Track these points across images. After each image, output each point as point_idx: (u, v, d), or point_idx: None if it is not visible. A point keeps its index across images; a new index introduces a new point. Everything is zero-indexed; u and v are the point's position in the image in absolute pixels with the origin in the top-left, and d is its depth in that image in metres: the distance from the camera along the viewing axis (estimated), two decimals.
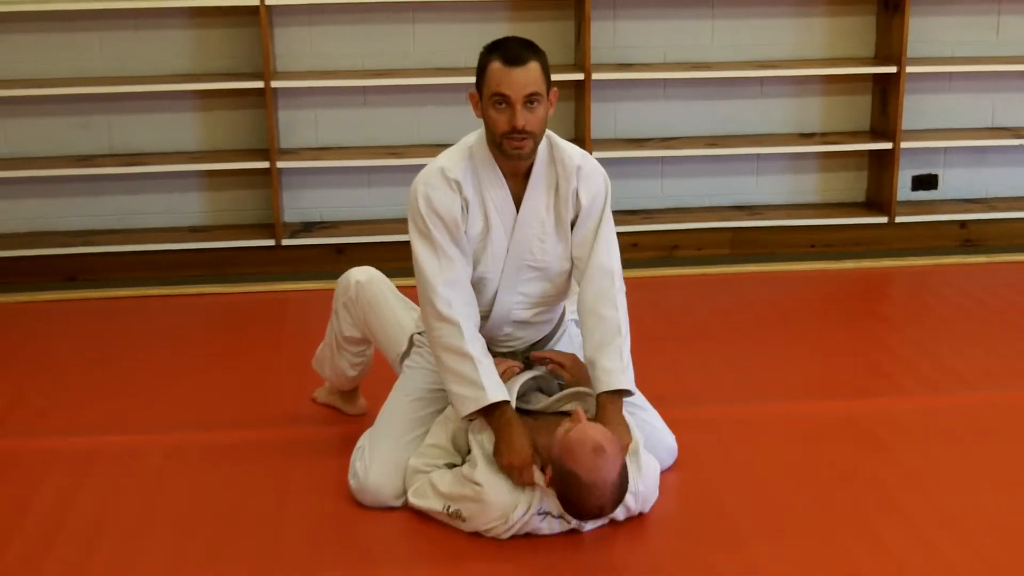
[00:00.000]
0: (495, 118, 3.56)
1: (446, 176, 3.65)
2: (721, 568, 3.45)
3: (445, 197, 3.64)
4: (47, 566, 3.50)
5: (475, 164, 3.68)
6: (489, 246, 3.71)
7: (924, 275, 6.11)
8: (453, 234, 3.66)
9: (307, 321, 5.24)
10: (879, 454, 4.13)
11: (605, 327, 3.69)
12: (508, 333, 3.90)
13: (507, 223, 3.70)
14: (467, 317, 3.64)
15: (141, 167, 6.05)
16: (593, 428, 3.40)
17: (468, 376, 3.59)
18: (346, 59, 6.24)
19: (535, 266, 3.77)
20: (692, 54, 6.41)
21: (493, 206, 3.69)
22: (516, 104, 3.52)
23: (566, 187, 3.70)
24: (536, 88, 3.54)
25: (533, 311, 3.87)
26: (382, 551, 3.59)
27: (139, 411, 4.54)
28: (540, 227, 3.73)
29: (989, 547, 3.53)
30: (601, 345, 3.68)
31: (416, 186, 3.69)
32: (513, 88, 3.51)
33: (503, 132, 3.56)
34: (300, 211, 6.35)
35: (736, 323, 5.40)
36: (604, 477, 3.33)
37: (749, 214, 6.45)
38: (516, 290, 3.79)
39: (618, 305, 3.73)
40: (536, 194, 3.71)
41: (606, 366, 3.66)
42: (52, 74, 6.09)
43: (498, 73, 3.53)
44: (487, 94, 3.56)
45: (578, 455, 3.33)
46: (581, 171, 3.71)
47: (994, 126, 6.65)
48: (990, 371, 4.82)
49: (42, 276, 6.04)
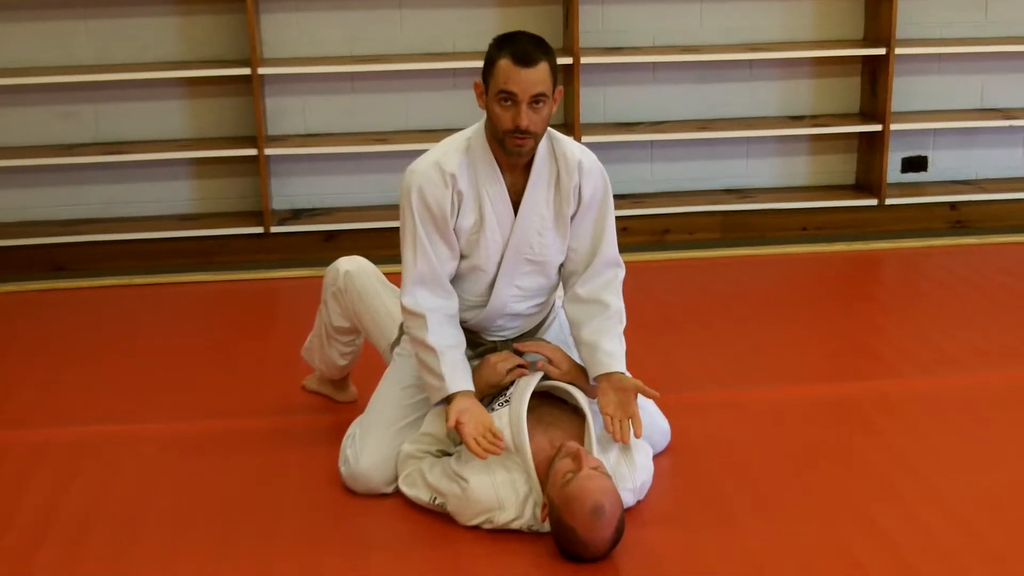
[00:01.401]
0: (500, 114, 3.55)
1: (441, 169, 3.64)
2: (715, 551, 3.44)
3: (437, 191, 3.63)
4: (41, 556, 3.49)
5: (472, 158, 3.67)
6: (482, 240, 3.71)
7: (915, 257, 6.11)
8: (440, 228, 3.66)
9: (297, 309, 5.23)
10: (872, 436, 4.13)
11: (609, 314, 3.77)
12: (500, 324, 3.90)
13: (502, 217, 3.70)
14: (434, 309, 3.68)
15: (128, 155, 6.02)
16: (593, 481, 3.33)
17: (432, 367, 3.66)
18: (334, 45, 6.22)
19: (533, 259, 3.78)
20: (681, 37, 6.39)
21: (488, 200, 3.68)
22: (522, 103, 3.52)
23: (568, 182, 3.71)
24: (543, 89, 3.54)
25: (528, 303, 3.88)
26: (375, 538, 3.58)
27: (129, 401, 4.52)
28: (540, 221, 3.74)
29: (983, 528, 3.53)
30: (605, 330, 3.75)
31: (409, 177, 3.68)
32: (520, 87, 3.51)
33: (506, 129, 3.55)
34: (288, 198, 6.33)
35: (727, 307, 5.40)
36: (601, 536, 3.32)
37: (739, 197, 6.44)
38: (513, 283, 3.80)
39: (620, 296, 3.83)
40: (537, 189, 3.71)
41: (608, 349, 3.73)
42: (37, 63, 6.06)
43: (507, 71, 3.51)
44: (494, 89, 3.55)
45: (576, 513, 3.30)
46: (582, 166, 3.73)
47: (983, 107, 6.64)
48: (982, 352, 4.82)
49: (29, 266, 6.01)
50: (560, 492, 3.35)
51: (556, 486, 3.38)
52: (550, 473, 3.44)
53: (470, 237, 3.71)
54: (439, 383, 3.64)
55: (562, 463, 3.42)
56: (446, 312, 3.71)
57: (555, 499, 3.37)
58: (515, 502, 3.50)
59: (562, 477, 3.37)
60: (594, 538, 3.31)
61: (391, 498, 3.74)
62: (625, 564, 3.37)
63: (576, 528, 3.31)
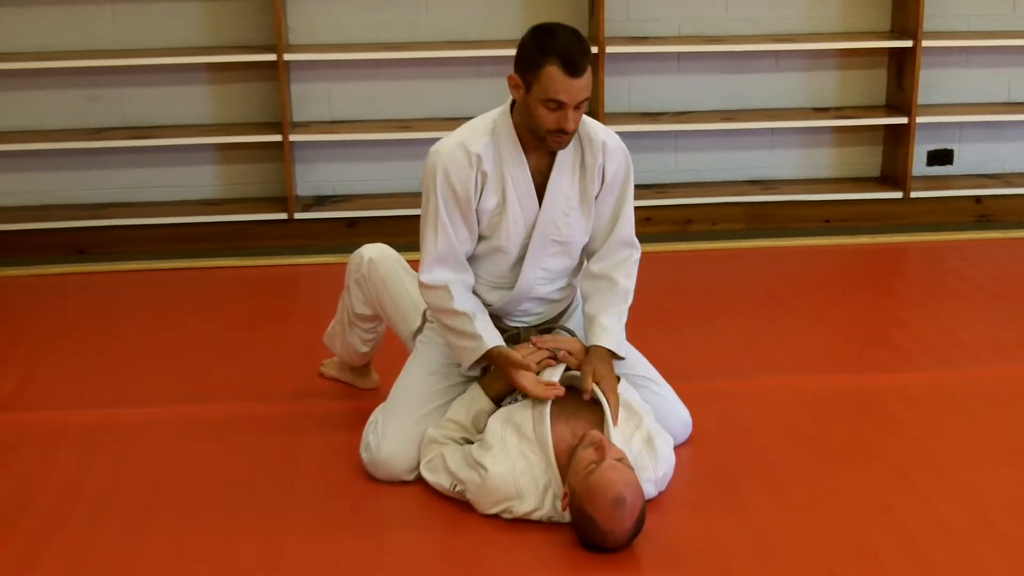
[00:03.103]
0: (544, 116, 3.55)
1: (467, 150, 3.65)
2: (732, 539, 3.44)
3: (462, 172, 3.65)
4: (60, 538, 3.51)
5: (498, 140, 3.68)
6: (503, 221, 3.72)
7: (939, 250, 6.09)
8: (463, 209, 3.68)
9: (319, 295, 5.24)
10: (892, 428, 4.12)
11: (616, 291, 3.82)
12: (525, 308, 3.90)
13: (524, 200, 3.71)
14: (455, 281, 3.73)
15: (153, 140, 6.03)
16: (615, 472, 3.33)
17: (464, 330, 3.70)
18: (359, 32, 6.22)
19: (559, 240, 3.79)
20: (707, 27, 6.37)
21: (511, 183, 3.69)
22: (569, 108, 3.53)
23: (592, 163, 3.73)
24: (588, 94, 3.56)
25: (552, 286, 3.89)
26: (391, 523, 3.59)
27: (150, 385, 4.53)
28: (566, 203, 3.75)
29: (1001, 521, 3.52)
30: (607, 306, 3.80)
31: (434, 157, 3.69)
32: (570, 96, 3.51)
33: (549, 130, 3.57)
34: (312, 184, 6.34)
35: (750, 298, 5.39)
36: (622, 527, 3.31)
37: (763, 188, 6.42)
38: (540, 265, 3.81)
39: (632, 276, 3.85)
40: (563, 171, 3.72)
41: (605, 324, 3.78)
42: (64, 47, 6.07)
43: (556, 80, 3.49)
44: (540, 95, 3.53)
45: (598, 503, 3.30)
46: (607, 147, 3.75)
47: (1010, 101, 6.61)
48: (1004, 346, 4.80)
49: (52, 250, 6.03)
50: (582, 482, 3.35)
51: (578, 475, 3.37)
52: (572, 462, 3.44)
53: (491, 219, 3.72)
54: (474, 343, 3.69)
55: (585, 452, 3.41)
56: (465, 284, 3.76)
57: (577, 488, 3.37)
58: (535, 492, 3.50)
59: (585, 467, 3.37)
60: (614, 529, 3.31)
61: (409, 485, 3.75)
62: (643, 552, 3.37)
63: (597, 518, 3.31)
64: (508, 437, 3.55)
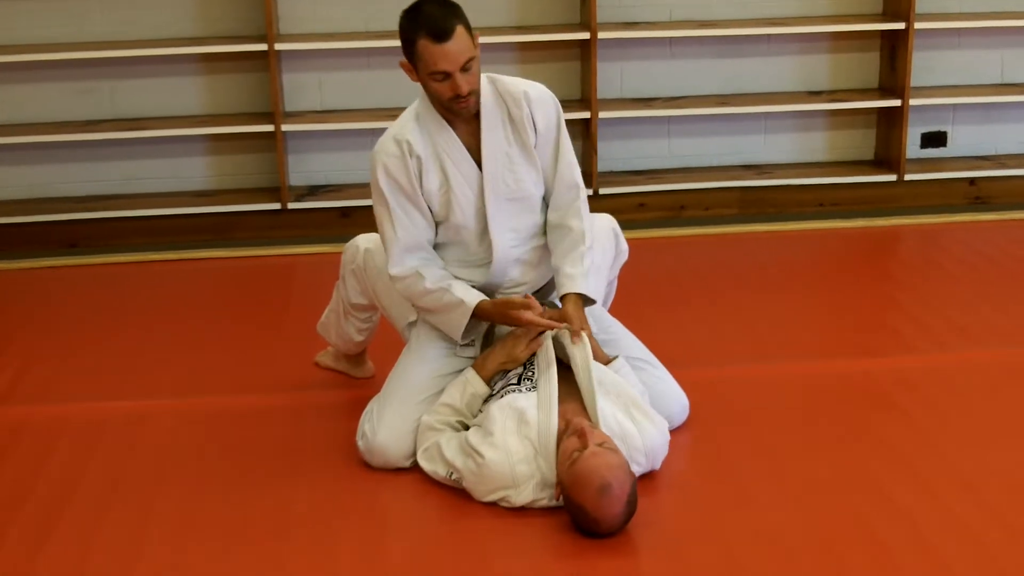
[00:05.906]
0: (437, 89, 3.67)
1: (396, 140, 3.78)
2: (731, 527, 3.44)
3: (398, 162, 3.76)
4: (60, 530, 3.50)
5: (423, 123, 3.79)
6: (453, 197, 3.80)
7: (933, 233, 6.08)
8: (411, 197, 3.79)
9: (313, 285, 5.23)
10: (890, 412, 4.12)
11: (572, 237, 3.87)
12: (514, 278, 3.94)
13: (466, 173, 3.80)
14: (423, 265, 3.81)
15: (144, 132, 6.02)
16: (598, 459, 3.32)
17: (444, 300, 3.78)
18: (349, 21, 6.21)
19: (514, 197, 3.86)
20: (698, 12, 6.35)
21: (448, 157, 3.78)
22: (455, 74, 3.62)
23: (519, 113, 3.81)
24: (468, 54, 3.63)
25: (528, 245, 3.93)
26: (390, 512, 3.60)
27: (146, 377, 4.53)
28: (507, 159, 3.82)
29: (1001, 504, 3.52)
30: (566, 253, 3.87)
31: (373, 158, 3.81)
32: (449, 62, 3.61)
33: (449, 98, 3.67)
34: (305, 175, 6.33)
35: (745, 283, 5.38)
36: (612, 512, 3.31)
37: (757, 173, 6.41)
38: (506, 227, 3.86)
39: (583, 216, 3.91)
40: (493, 130, 3.80)
41: (568, 271, 3.84)
42: (53, 39, 6.05)
43: (431, 51, 3.60)
44: (424, 70, 3.65)
45: (584, 492, 3.31)
46: (529, 96, 3.83)
47: (1003, 82, 6.60)
48: (1000, 328, 4.80)
49: (45, 243, 6.02)
50: (568, 472, 3.36)
51: (564, 466, 3.39)
52: (558, 452, 3.45)
53: (441, 198, 3.80)
54: (460, 307, 3.77)
55: (568, 442, 3.42)
56: (436, 265, 3.84)
57: (564, 479, 3.38)
58: (531, 480, 3.50)
59: (569, 456, 3.38)
60: (605, 515, 3.31)
61: (407, 473, 3.75)
62: (642, 539, 3.37)
63: (585, 506, 3.32)
64: (508, 423, 3.55)
